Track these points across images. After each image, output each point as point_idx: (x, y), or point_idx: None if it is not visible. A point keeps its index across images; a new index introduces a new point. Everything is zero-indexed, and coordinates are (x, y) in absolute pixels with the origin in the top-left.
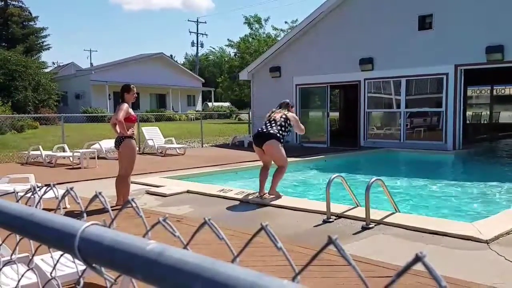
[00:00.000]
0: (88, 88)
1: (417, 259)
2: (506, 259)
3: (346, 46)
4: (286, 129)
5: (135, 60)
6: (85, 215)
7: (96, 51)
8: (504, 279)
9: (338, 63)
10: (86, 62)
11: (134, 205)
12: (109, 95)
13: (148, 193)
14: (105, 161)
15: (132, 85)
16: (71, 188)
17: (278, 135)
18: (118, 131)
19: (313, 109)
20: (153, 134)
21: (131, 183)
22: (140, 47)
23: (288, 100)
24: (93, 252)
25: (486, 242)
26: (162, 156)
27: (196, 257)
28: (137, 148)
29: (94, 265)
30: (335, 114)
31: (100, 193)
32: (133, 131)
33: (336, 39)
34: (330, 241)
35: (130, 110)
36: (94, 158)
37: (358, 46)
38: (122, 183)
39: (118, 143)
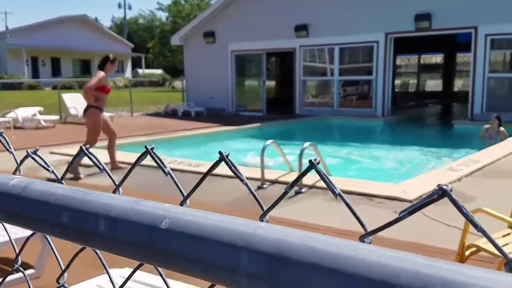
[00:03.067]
0: (3, 52)
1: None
2: (427, 216)
3: (282, 12)
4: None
5: (56, 23)
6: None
7: (12, 13)
8: (425, 234)
9: (274, 29)
10: (1, 25)
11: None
12: (27, 60)
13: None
14: (22, 131)
15: (116, 58)
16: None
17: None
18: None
19: (249, 77)
20: (75, 102)
21: (53, 153)
22: (62, 9)
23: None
24: None
25: (411, 201)
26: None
27: (65, 188)
28: (101, 120)
29: None
30: (271, 82)
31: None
32: (102, 101)
33: (272, 5)
34: (222, 157)
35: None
36: (9, 128)
37: (293, 12)
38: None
39: (84, 112)
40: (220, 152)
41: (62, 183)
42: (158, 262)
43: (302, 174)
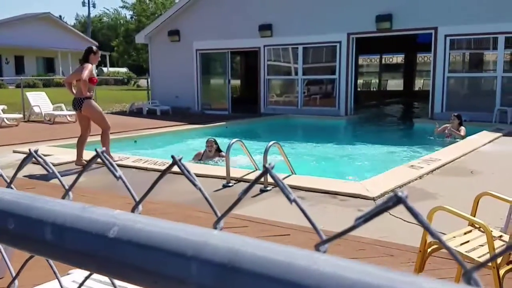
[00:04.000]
0: None
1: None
2: (390, 214)
3: (246, 11)
4: None
5: (18, 20)
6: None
7: None
8: (388, 232)
9: (239, 28)
10: None
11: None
12: None
13: (33, 163)
14: None
15: (99, 49)
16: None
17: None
18: (74, 92)
19: (214, 75)
20: (39, 100)
21: (16, 152)
22: (25, 6)
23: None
24: None
25: (373, 198)
26: (50, 124)
27: (13, 193)
28: (98, 106)
29: None
30: (236, 81)
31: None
32: (92, 93)
33: (236, 4)
34: (175, 161)
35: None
36: None
37: (258, 11)
38: (105, 139)
39: (78, 105)
40: (172, 156)
41: (11, 188)
42: (108, 272)
43: (257, 179)
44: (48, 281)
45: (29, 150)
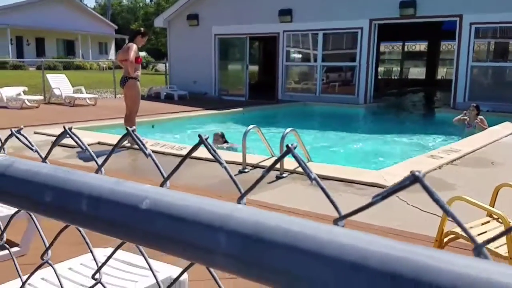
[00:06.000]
0: None
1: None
2: (407, 203)
3: None
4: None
5: (39, 2)
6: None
7: None
8: (404, 220)
9: (258, 13)
10: None
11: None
12: (11, 39)
13: (59, 145)
14: (6, 110)
15: (147, 32)
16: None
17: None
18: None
19: (232, 61)
20: (59, 83)
21: (37, 133)
22: None
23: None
24: None
25: None
26: (70, 106)
27: (49, 167)
28: (140, 91)
29: None
30: (254, 67)
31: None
32: (137, 72)
33: None
34: (202, 140)
35: (139, 52)
36: None
37: None
38: (128, 122)
39: (122, 83)
40: (199, 135)
41: (46, 163)
42: (139, 241)
43: (279, 159)
44: (73, 257)
45: (64, 127)
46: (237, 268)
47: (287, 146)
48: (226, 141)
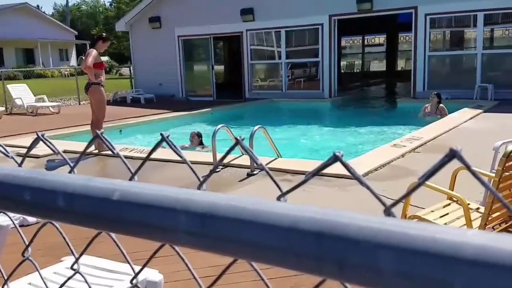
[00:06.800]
0: None
1: (335, 158)
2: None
3: None
4: None
5: None
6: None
7: None
8: (367, 208)
9: (220, 13)
10: None
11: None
12: None
13: (19, 155)
14: None
15: (109, 37)
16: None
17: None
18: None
19: (197, 62)
20: (21, 92)
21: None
22: None
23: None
24: None
25: (357, 178)
26: (33, 115)
27: (26, 171)
28: (105, 96)
29: None
30: (220, 67)
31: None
32: (101, 77)
33: None
34: (163, 138)
35: (101, 57)
36: None
37: None
38: (95, 128)
39: (86, 89)
40: (161, 134)
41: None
42: (112, 229)
43: (228, 152)
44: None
45: (37, 133)
46: (197, 243)
47: (236, 138)
48: (201, 141)
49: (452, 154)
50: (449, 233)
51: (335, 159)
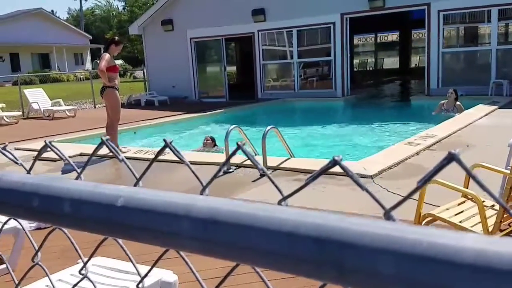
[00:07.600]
0: None
1: (335, 162)
2: (388, 191)
3: None
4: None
5: (11, 17)
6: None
7: None
8: (381, 208)
9: (231, 14)
10: None
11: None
12: None
13: (40, 159)
14: None
15: (122, 40)
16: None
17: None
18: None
19: (210, 63)
20: (37, 97)
21: (18, 149)
22: (16, 3)
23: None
24: None
25: (371, 177)
26: (50, 119)
27: (34, 177)
28: (119, 99)
29: None
30: (232, 68)
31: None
32: (115, 81)
33: None
34: (166, 144)
35: (116, 61)
36: None
37: None
38: (110, 131)
39: (101, 93)
40: (164, 140)
41: (30, 174)
42: (117, 234)
43: (231, 155)
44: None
45: (44, 141)
46: (200, 248)
47: (237, 143)
48: (215, 145)
49: (451, 157)
50: (449, 237)
51: (334, 163)
